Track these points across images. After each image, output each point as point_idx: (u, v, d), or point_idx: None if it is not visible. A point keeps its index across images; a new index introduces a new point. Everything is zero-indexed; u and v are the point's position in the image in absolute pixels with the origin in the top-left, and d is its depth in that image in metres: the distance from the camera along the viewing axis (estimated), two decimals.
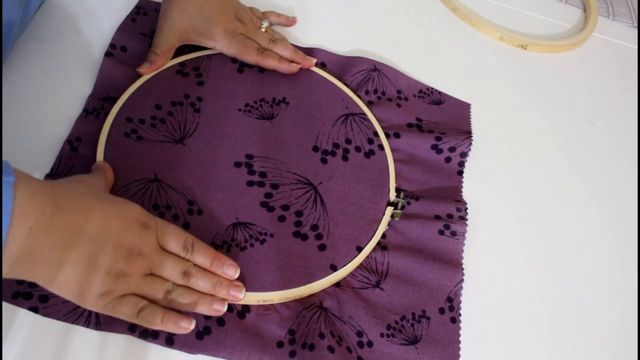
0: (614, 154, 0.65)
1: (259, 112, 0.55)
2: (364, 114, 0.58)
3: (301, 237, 0.48)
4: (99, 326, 0.41)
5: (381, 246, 0.50)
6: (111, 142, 0.49)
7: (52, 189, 0.37)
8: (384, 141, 0.56)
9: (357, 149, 0.55)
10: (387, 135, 0.57)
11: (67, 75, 0.54)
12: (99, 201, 0.39)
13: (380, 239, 0.50)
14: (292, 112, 0.56)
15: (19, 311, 0.41)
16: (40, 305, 0.41)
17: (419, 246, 0.51)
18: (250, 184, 0.50)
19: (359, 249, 0.49)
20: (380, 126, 0.57)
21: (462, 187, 0.56)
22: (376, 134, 0.56)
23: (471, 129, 0.61)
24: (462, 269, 0.50)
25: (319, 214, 0.50)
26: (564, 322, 0.51)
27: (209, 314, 0.43)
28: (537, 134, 0.64)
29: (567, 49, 0.74)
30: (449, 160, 0.57)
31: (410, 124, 0.59)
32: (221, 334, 0.43)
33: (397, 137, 0.57)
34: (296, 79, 0.59)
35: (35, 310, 0.41)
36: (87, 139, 0.50)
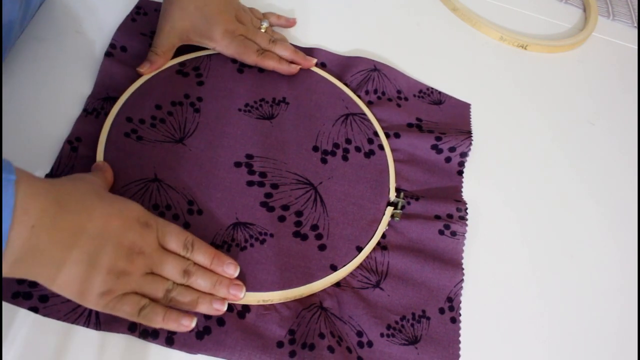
0: (614, 154, 0.65)
1: (259, 112, 0.55)
2: (364, 114, 0.58)
3: (301, 237, 0.48)
4: (99, 326, 0.41)
5: (381, 246, 0.50)
6: (111, 142, 0.49)
7: (54, 188, 0.37)
8: (384, 141, 0.56)
9: (357, 149, 0.55)
10: (387, 135, 0.57)
11: (67, 75, 0.54)
12: (100, 200, 0.39)
13: (380, 239, 0.50)
14: (292, 112, 0.56)
15: (19, 311, 0.41)
16: (40, 305, 0.41)
17: (419, 246, 0.51)
18: (250, 184, 0.50)
19: (359, 249, 0.49)
20: (380, 126, 0.57)
21: (462, 187, 0.56)
22: (376, 134, 0.56)
23: (471, 129, 0.61)
24: (462, 269, 0.50)
25: (319, 214, 0.50)
26: (564, 322, 0.51)
27: (209, 313, 0.43)
28: (537, 134, 0.64)
29: (567, 49, 0.74)
30: (449, 160, 0.57)
31: (410, 124, 0.59)
32: (221, 334, 0.43)
33: (397, 137, 0.57)
34: (296, 79, 0.59)
35: (35, 310, 0.41)
36: (87, 139, 0.50)
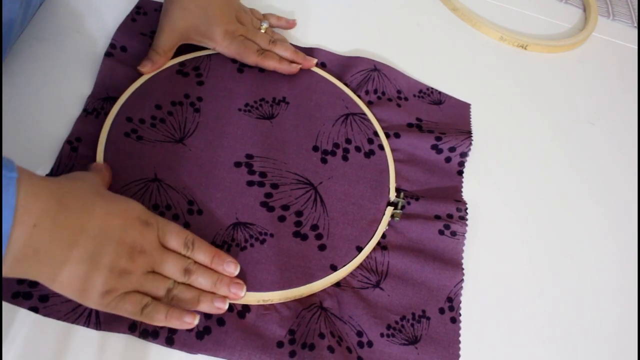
0: (614, 154, 0.65)
1: (259, 112, 0.55)
2: (364, 114, 0.58)
3: (301, 237, 0.48)
4: (99, 326, 0.41)
5: (381, 246, 0.50)
6: (111, 142, 0.49)
7: (55, 186, 0.37)
8: (384, 141, 0.56)
9: (357, 149, 0.55)
10: (387, 135, 0.57)
11: (67, 75, 0.54)
12: (101, 199, 0.39)
13: (380, 239, 0.50)
14: (292, 112, 0.56)
15: (19, 311, 0.41)
16: (40, 305, 0.41)
17: (419, 246, 0.51)
18: (250, 184, 0.50)
19: (359, 249, 0.49)
20: (380, 126, 0.57)
21: (462, 187, 0.56)
22: (376, 134, 0.56)
23: (471, 129, 0.61)
24: (462, 269, 0.50)
25: (319, 214, 0.50)
26: (564, 322, 0.51)
27: (211, 312, 0.43)
28: (537, 134, 0.64)
29: (567, 49, 0.74)
30: (449, 160, 0.57)
31: (410, 124, 0.59)
32: (221, 334, 0.43)
33: (397, 137, 0.57)
34: (296, 78, 0.59)
35: (35, 310, 0.41)
36: (87, 139, 0.50)
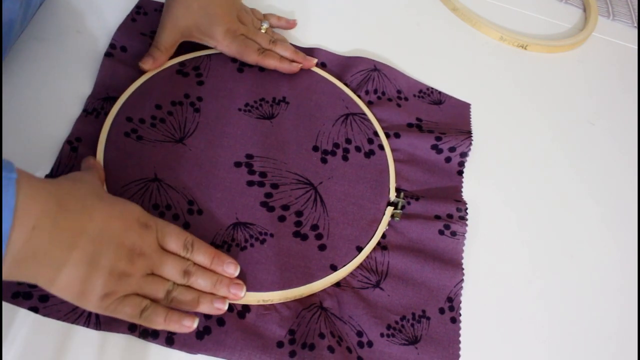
0: (614, 154, 0.65)
1: (259, 111, 0.55)
2: (364, 114, 0.58)
3: (301, 237, 0.48)
4: (99, 326, 0.41)
5: (381, 246, 0.50)
6: (111, 142, 0.49)
7: (54, 188, 0.37)
8: (384, 141, 0.56)
9: (357, 148, 0.55)
10: (387, 135, 0.57)
11: (67, 75, 0.54)
12: (100, 201, 0.39)
13: (380, 239, 0.50)
14: (292, 111, 0.56)
15: (19, 311, 0.41)
16: (40, 305, 0.41)
17: (419, 246, 0.51)
18: (250, 183, 0.50)
19: (359, 249, 0.49)
20: (380, 126, 0.57)
21: (462, 187, 0.56)
22: (376, 134, 0.56)
23: (471, 129, 0.61)
24: (462, 269, 0.50)
25: (319, 214, 0.50)
26: (564, 322, 0.51)
27: (211, 313, 0.43)
28: (537, 134, 0.64)
29: (567, 49, 0.74)
30: (449, 160, 0.57)
31: (410, 124, 0.59)
32: (221, 334, 0.43)
33: (397, 137, 0.57)
34: (296, 78, 0.59)
35: (35, 310, 0.41)
36: (87, 139, 0.50)
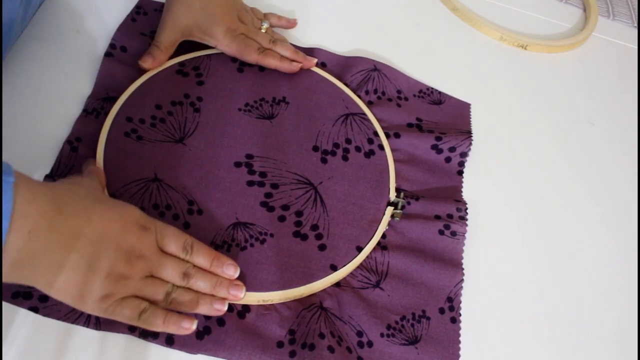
0: (614, 154, 0.65)
1: (259, 111, 0.55)
2: (364, 114, 0.58)
3: (301, 237, 0.48)
4: (99, 326, 0.41)
5: (381, 246, 0.50)
6: (111, 142, 0.49)
7: (52, 191, 0.36)
8: (384, 141, 0.56)
9: (357, 148, 0.55)
10: (387, 135, 0.57)
11: (67, 75, 0.54)
12: (99, 204, 0.39)
13: (380, 239, 0.50)
14: (292, 111, 0.56)
15: (19, 311, 0.41)
16: (40, 305, 0.41)
17: (419, 246, 0.51)
18: (250, 183, 0.50)
19: (359, 249, 0.49)
20: (380, 126, 0.57)
21: (462, 187, 0.56)
22: (376, 134, 0.56)
23: (471, 129, 0.61)
24: (462, 269, 0.50)
25: (319, 214, 0.50)
26: (564, 322, 0.51)
27: (210, 314, 0.43)
28: (537, 134, 0.64)
29: (567, 49, 0.74)
30: (449, 160, 0.57)
31: (410, 124, 0.59)
32: (221, 334, 0.43)
33: (397, 137, 0.57)
34: (296, 78, 0.59)
35: (35, 310, 0.41)
36: (87, 139, 0.50)
